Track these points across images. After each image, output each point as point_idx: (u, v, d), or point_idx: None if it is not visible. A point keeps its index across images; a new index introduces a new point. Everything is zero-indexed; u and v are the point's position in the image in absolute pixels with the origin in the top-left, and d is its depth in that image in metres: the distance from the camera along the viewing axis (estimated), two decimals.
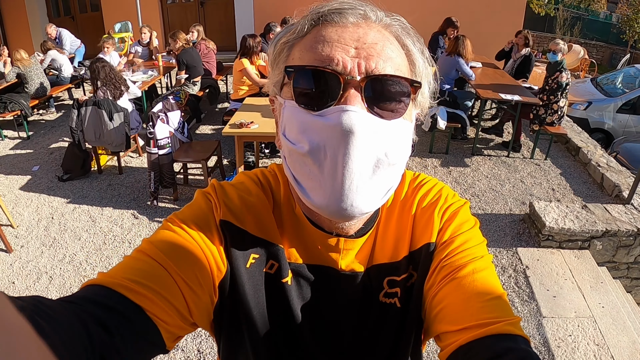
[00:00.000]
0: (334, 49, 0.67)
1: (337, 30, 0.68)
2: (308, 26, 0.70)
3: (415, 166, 5.57)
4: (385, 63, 0.67)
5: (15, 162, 5.83)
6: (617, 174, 5.16)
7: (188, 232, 0.73)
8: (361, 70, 0.66)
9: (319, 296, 0.82)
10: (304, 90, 0.68)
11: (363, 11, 0.71)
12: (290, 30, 0.72)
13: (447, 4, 9.48)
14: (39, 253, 4.01)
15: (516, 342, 0.66)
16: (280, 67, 0.72)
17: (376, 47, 0.68)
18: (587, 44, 20.66)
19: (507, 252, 4.00)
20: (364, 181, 0.66)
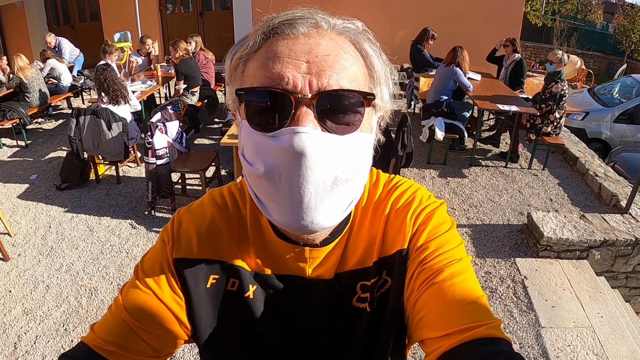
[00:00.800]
0: (284, 66, 0.66)
1: (288, 43, 0.68)
2: (260, 40, 0.70)
3: (414, 177, 5.57)
4: (338, 75, 0.67)
5: (14, 171, 5.83)
6: (614, 184, 5.17)
7: (149, 285, 0.80)
8: (312, 87, 0.65)
9: (289, 304, 0.83)
10: (255, 111, 0.68)
11: (314, 20, 0.69)
12: (244, 45, 0.71)
13: (444, 15, 9.56)
14: (36, 262, 4.00)
15: (499, 345, 0.67)
16: (236, 83, 0.72)
17: (328, 59, 0.67)
18: (584, 54, 20.78)
19: (505, 262, 3.99)
20: (322, 199, 0.66)
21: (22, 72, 6.71)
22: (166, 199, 4.75)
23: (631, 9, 23.30)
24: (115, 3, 10.62)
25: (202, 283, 0.82)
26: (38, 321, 3.31)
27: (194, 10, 10.86)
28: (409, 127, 4.03)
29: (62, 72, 7.67)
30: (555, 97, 5.50)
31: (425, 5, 9.81)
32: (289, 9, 0.71)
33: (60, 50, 8.84)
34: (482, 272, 3.85)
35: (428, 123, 5.74)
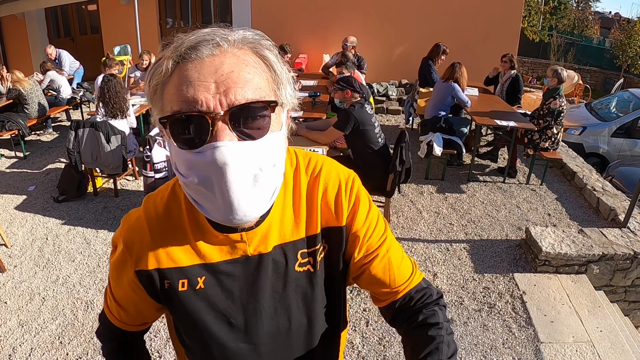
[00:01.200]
0: (196, 89, 0.76)
1: (196, 66, 0.78)
2: (171, 66, 0.79)
3: (412, 192, 5.58)
4: (243, 89, 0.78)
5: (11, 182, 5.82)
6: (612, 198, 5.18)
7: (121, 289, 1.04)
8: (223, 104, 0.76)
9: (239, 284, 0.98)
10: (179, 134, 0.79)
11: (215, 42, 0.79)
12: (157, 72, 0.80)
13: (441, 30, 9.63)
14: (32, 273, 3.97)
15: (426, 288, 1.11)
16: (158, 106, 0.83)
17: (232, 75, 0.78)
18: (581, 69, 20.93)
19: (503, 277, 3.98)
20: (248, 195, 0.80)
21: (19, 84, 6.73)
22: None
23: (627, 23, 23.53)
24: (115, 16, 10.70)
25: (159, 287, 0.99)
26: (33, 333, 3.28)
27: (194, 24, 10.90)
28: (407, 142, 4.04)
29: (61, 84, 7.69)
30: (553, 113, 5.53)
31: (423, 21, 9.90)
32: (193, 30, 0.84)
33: (61, 62, 8.88)
34: (480, 288, 3.84)
35: (426, 138, 5.76)
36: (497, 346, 3.22)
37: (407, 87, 9.97)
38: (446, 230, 4.73)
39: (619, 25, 26.55)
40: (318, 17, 10.02)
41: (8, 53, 12.27)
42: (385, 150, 4.29)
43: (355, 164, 4.32)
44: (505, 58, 6.89)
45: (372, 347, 3.19)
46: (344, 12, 9.96)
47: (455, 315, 3.52)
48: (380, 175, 4.19)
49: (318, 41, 9.80)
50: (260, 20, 10.15)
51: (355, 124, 4.04)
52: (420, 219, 4.95)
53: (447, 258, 4.25)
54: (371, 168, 4.20)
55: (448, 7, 9.78)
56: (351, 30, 9.99)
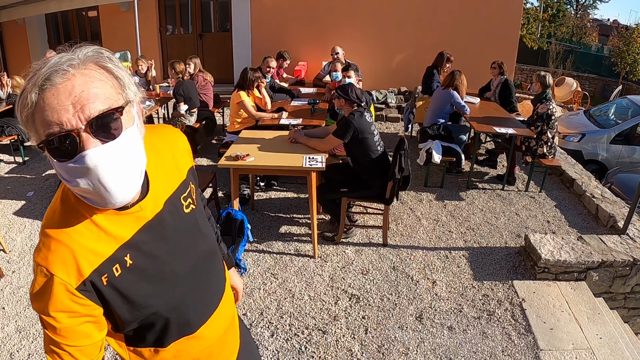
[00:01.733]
0: (59, 113, 0.93)
1: (53, 94, 0.93)
2: (34, 97, 0.94)
3: (411, 200, 5.58)
4: (95, 103, 0.96)
5: (10, 187, 5.82)
6: (611, 205, 5.18)
7: (70, 326, 1.10)
8: (82, 119, 0.94)
9: (156, 244, 1.19)
10: (55, 152, 0.96)
11: (64, 69, 0.95)
12: (24, 104, 0.95)
13: (441, 38, 9.67)
14: (30, 279, 3.95)
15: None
16: (32, 132, 0.99)
17: (84, 94, 0.95)
18: (579, 76, 21.01)
19: (502, 285, 3.97)
20: (124, 182, 1.02)
21: (19, 90, 6.73)
22: None
23: (626, 30, 23.62)
24: (115, 23, 10.74)
25: (102, 286, 1.10)
26: (31, 339, 3.27)
27: (194, 31, 10.97)
28: (406, 150, 4.04)
29: None
30: (542, 118, 5.55)
31: (422, 30, 9.94)
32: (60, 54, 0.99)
33: None
34: (479, 295, 3.83)
35: (425, 146, 5.76)
36: (496, 354, 3.22)
37: (406, 94, 10.00)
38: (445, 238, 4.73)
39: (617, 33, 26.67)
40: (317, 25, 10.06)
41: (8, 58, 12.29)
42: (384, 158, 4.29)
43: (354, 172, 4.32)
44: (495, 64, 6.94)
45: (371, 355, 3.18)
46: (344, 19, 10.01)
47: (455, 322, 3.51)
48: (379, 182, 4.19)
49: (317, 48, 9.83)
50: (259, 27, 10.19)
51: (355, 133, 4.05)
52: (419, 226, 4.95)
53: (446, 265, 4.25)
54: (370, 175, 4.21)
55: (447, 16, 9.83)
56: (351, 38, 10.05)
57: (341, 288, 3.88)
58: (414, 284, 3.95)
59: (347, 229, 4.61)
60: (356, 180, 4.29)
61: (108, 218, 1.11)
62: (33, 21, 11.53)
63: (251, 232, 4.14)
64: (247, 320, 3.47)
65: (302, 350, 3.21)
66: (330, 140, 4.17)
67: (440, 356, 3.18)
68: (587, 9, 36.69)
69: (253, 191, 5.29)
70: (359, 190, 4.31)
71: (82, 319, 1.09)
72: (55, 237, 1.08)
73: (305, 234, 4.70)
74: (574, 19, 33.09)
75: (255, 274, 4.04)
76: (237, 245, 4.01)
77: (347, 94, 4.16)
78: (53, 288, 1.04)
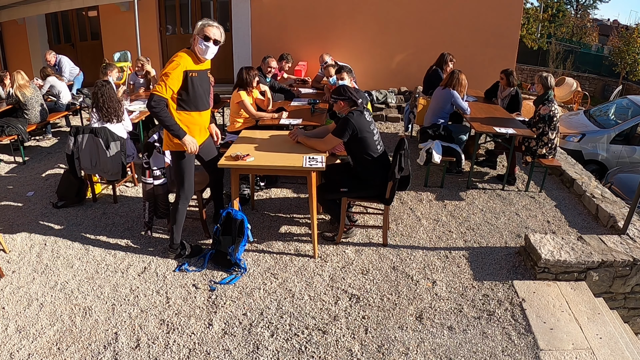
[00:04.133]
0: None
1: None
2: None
3: (411, 200, 5.58)
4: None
5: (10, 187, 5.82)
6: (611, 205, 5.18)
7: (176, 78, 3.75)
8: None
9: (200, 78, 3.83)
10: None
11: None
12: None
13: (441, 38, 9.68)
14: (30, 279, 3.96)
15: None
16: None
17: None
18: (579, 76, 21.02)
19: (503, 285, 3.97)
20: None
21: (19, 90, 6.73)
22: (163, 219, 4.73)
23: (626, 30, 23.64)
24: (116, 23, 10.74)
25: (188, 75, 3.71)
26: (31, 339, 3.27)
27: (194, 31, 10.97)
28: (406, 150, 4.04)
29: (61, 90, 7.70)
30: (544, 119, 5.54)
31: (422, 30, 9.94)
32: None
33: (61, 68, 8.90)
34: (479, 295, 3.83)
35: (425, 146, 5.76)
36: (496, 354, 3.21)
37: (406, 94, 10.00)
38: (445, 238, 4.73)
39: (617, 33, 26.68)
40: (318, 25, 10.06)
41: (8, 58, 12.31)
42: (384, 158, 4.29)
43: (354, 171, 4.32)
44: (502, 74, 6.82)
45: (371, 355, 3.18)
46: (344, 19, 10.01)
47: (455, 322, 3.51)
48: (379, 182, 4.19)
49: (317, 48, 9.83)
50: (259, 27, 10.19)
51: (354, 132, 4.05)
52: (419, 226, 4.94)
53: (446, 265, 4.24)
54: (371, 175, 4.21)
55: (447, 16, 9.83)
56: (351, 38, 10.06)
57: (341, 288, 3.88)
58: (414, 284, 3.95)
59: (347, 229, 4.61)
60: (356, 180, 4.29)
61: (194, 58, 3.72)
62: (33, 21, 11.54)
63: (251, 232, 4.13)
64: (247, 320, 3.47)
65: (302, 350, 3.21)
66: (329, 140, 4.17)
67: (440, 356, 3.18)
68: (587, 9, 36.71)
69: (253, 191, 5.29)
70: (359, 190, 4.31)
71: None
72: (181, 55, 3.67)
73: (305, 234, 4.70)
74: (574, 19, 33.11)
75: (255, 274, 4.04)
76: (237, 245, 4.01)
77: (340, 95, 4.17)
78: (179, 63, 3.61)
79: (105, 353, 3.15)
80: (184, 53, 3.67)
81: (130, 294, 3.77)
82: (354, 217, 4.80)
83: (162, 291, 3.80)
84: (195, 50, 3.69)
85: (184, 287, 3.85)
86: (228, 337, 3.30)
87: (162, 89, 3.56)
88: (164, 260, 4.23)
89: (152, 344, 3.23)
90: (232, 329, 3.39)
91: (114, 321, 3.45)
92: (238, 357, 3.13)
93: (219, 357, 3.13)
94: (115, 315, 3.52)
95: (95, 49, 11.39)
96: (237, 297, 3.73)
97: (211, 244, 4.26)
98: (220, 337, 3.31)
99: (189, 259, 4.23)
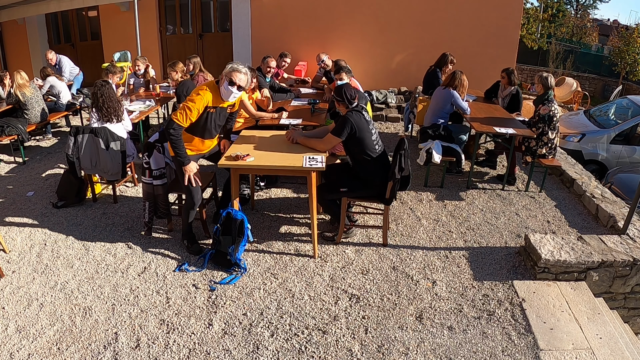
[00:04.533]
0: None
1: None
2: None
3: (411, 200, 5.58)
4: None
5: (10, 187, 5.82)
6: (611, 205, 5.18)
7: (197, 110, 3.99)
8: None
9: (215, 115, 4.05)
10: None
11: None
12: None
13: (441, 38, 9.67)
14: (30, 279, 3.96)
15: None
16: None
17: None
18: (579, 76, 21.02)
19: (503, 285, 3.97)
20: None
21: (19, 90, 6.73)
22: (163, 220, 4.74)
23: (626, 30, 23.64)
24: (116, 23, 10.74)
25: (206, 109, 3.97)
26: (31, 339, 3.27)
27: (194, 31, 10.97)
28: (406, 150, 4.04)
29: (61, 90, 7.70)
30: (544, 119, 5.54)
31: (422, 30, 9.94)
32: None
33: (61, 67, 8.90)
34: (479, 295, 3.83)
35: (425, 146, 5.76)
36: (496, 354, 3.21)
37: (406, 94, 10.00)
38: (445, 238, 4.73)
39: (617, 33, 26.68)
40: (318, 25, 10.06)
41: (8, 58, 12.32)
42: (383, 158, 4.29)
43: (354, 171, 4.32)
44: (504, 73, 6.82)
45: (371, 355, 3.18)
46: (344, 19, 10.00)
47: (455, 322, 3.51)
48: (378, 182, 4.19)
49: (317, 48, 9.82)
50: (259, 27, 10.19)
51: (352, 130, 4.04)
52: (419, 226, 4.94)
53: (446, 265, 4.24)
54: (370, 175, 4.21)
55: (447, 16, 9.83)
56: (351, 38, 10.06)
57: (341, 288, 3.88)
58: (414, 284, 3.95)
59: (347, 229, 4.61)
60: (356, 180, 4.29)
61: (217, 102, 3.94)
62: (33, 21, 11.54)
63: (251, 232, 4.14)
64: (247, 320, 3.47)
65: (302, 350, 3.21)
66: (329, 139, 4.17)
67: (440, 356, 3.18)
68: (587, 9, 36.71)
69: (253, 191, 5.29)
70: (358, 190, 4.31)
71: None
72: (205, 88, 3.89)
73: (305, 234, 4.70)
74: (574, 19, 33.12)
75: (255, 274, 4.04)
76: (237, 245, 4.01)
77: (340, 95, 4.18)
78: (204, 95, 3.84)
79: (105, 353, 3.15)
80: (209, 89, 3.86)
81: (130, 294, 3.77)
82: (354, 217, 4.80)
83: (162, 291, 3.80)
84: (220, 88, 3.89)
85: (184, 287, 3.85)
86: (228, 337, 3.31)
87: (182, 119, 3.78)
88: (164, 260, 4.23)
89: (152, 344, 3.23)
90: (232, 329, 3.39)
91: (114, 321, 3.46)
92: (238, 357, 3.13)
93: (219, 357, 3.13)
94: (115, 315, 3.52)
95: (95, 49, 11.39)
96: (237, 297, 3.73)
97: (211, 244, 4.27)
98: (220, 337, 3.31)
99: (189, 259, 4.23)
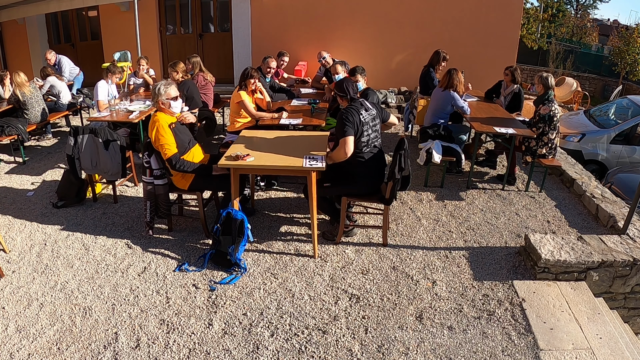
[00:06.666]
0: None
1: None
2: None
3: (411, 200, 5.58)
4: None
5: (10, 187, 5.82)
6: (611, 205, 5.18)
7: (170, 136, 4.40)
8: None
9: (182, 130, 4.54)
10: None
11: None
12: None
13: (441, 38, 9.67)
14: (30, 279, 3.96)
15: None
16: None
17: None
18: (579, 76, 21.02)
19: (503, 285, 3.97)
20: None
21: (19, 89, 6.73)
22: (163, 219, 4.74)
23: (626, 30, 23.62)
24: (116, 23, 10.73)
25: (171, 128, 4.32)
26: (31, 339, 3.27)
27: (194, 31, 10.97)
28: (406, 150, 4.03)
29: (61, 90, 7.70)
30: (544, 119, 5.54)
31: (421, 30, 9.94)
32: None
33: (61, 67, 8.89)
34: (479, 295, 3.83)
35: (425, 146, 5.76)
36: (496, 354, 3.21)
37: (406, 94, 9.99)
38: (445, 238, 4.73)
39: (617, 33, 26.66)
40: (318, 25, 10.06)
41: (8, 58, 12.31)
42: (376, 157, 4.26)
43: (345, 169, 4.26)
44: (507, 71, 6.82)
45: (371, 355, 3.18)
46: (344, 19, 10.00)
47: (455, 322, 3.51)
48: (368, 181, 4.17)
49: (318, 48, 9.80)
50: (259, 27, 10.19)
51: (356, 118, 4.03)
52: (419, 226, 4.94)
53: (446, 265, 4.24)
54: (364, 169, 4.18)
55: (447, 16, 9.83)
56: (351, 38, 10.05)
57: (341, 288, 3.88)
58: (414, 284, 3.95)
59: (347, 229, 4.61)
60: (342, 176, 4.26)
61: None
62: (33, 21, 11.54)
63: (251, 232, 4.13)
64: (247, 320, 3.47)
65: (302, 350, 3.21)
66: (343, 143, 4.05)
67: (440, 356, 3.18)
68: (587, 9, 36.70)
69: (253, 191, 5.29)
70: (342, 187, 4.28)
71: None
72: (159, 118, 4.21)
73: (305, 234, 4.70)
74: (574, 19, 33.11)
75: (255, 274, 4.04)
76: (237, 245, 4.01)
77: (342, 90, 4.20)
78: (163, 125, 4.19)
79: (105, 353, 3.15)
80: (159, 120, 4.23)
81: (130, 294, 3.77)
82: (353, 217, 4.80)
83: (162, 291, 3.80)
84: (166, 110, 4.33)
85: (184, 287, 3.85)
86: (228, 337, 3.31)
87: (169, 149, 4.15)
88: (164, 260, 4.23)
89: (152, 343, 3.23)
90: (232, 328, 3.39)
91: (114, 321, 3.46)
92: (238, 357, 3.13)
93: (219, 357, 3.13)
94: (115, 315, 3.52)
95: (95, 49, 11.38)
96: (237, 297, 3.73)
97: (211, 244, 4.26)
98: (220, 337, 3.31)
99: (189, 259, 4.24)
